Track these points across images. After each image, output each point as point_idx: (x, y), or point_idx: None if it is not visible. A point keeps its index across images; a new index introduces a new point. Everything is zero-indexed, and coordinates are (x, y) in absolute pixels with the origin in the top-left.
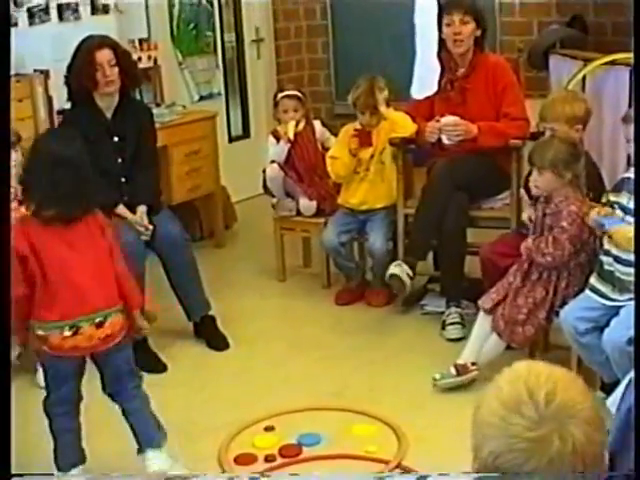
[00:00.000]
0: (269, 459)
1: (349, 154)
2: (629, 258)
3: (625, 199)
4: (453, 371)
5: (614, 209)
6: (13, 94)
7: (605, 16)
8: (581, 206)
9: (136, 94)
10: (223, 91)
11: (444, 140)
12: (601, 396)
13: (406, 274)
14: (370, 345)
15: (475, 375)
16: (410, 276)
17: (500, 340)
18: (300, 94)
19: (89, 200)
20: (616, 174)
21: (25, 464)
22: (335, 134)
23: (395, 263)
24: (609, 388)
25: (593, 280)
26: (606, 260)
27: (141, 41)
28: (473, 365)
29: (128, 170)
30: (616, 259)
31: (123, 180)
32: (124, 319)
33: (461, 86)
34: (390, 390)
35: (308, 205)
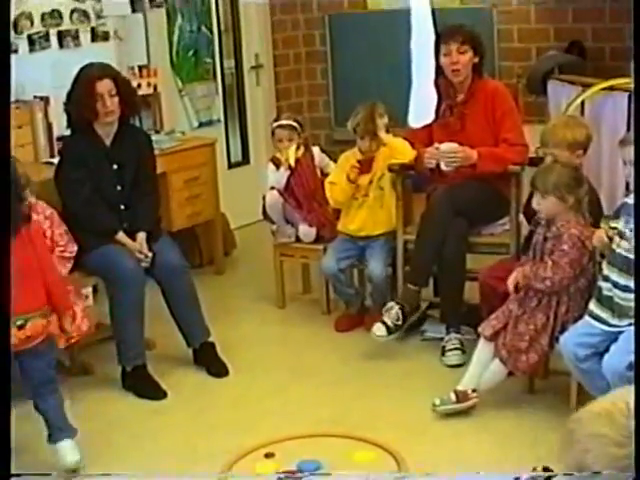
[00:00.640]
0: None
1: (349, 182)
2: (628, 283)
3: (621, 223)
4: (453, 397)
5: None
6: (13, 121)
7: (603, 41)
8: (582, 230)
9: (136, 121)
10: (222, 117)
11: (443, 167)
12: None
13: (394, 321)
14: (370, 371)
15: (475, 402)
16: (397, 324)
17: (502, 367)
18: (295, 123)
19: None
20: (615, 199)
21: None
22: (334, 160)
23: (387, 307)
24: None
25: (592, 306)
26: (605, 286)
27: (141, 68)
28: (473, 392)
29: (127, 197)
30: (615, 285)
31: (122, 207)
32: (46, 323)
33: (460, 112)
34: (390, 416)
35: (307, 231)
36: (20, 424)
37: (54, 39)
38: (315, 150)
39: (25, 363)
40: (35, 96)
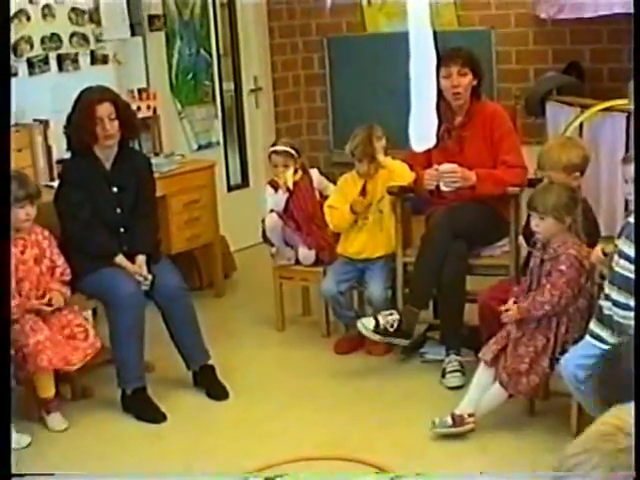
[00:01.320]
0: None
1: (351, 212)
2: (627, 302)
3: (621, 242)
4: (449, 421)
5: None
6: (13, 144)
7: (601, 63)
8: (580, 250)
9: (135, 144)
10: (222, 140)
11: (442, 187)
12: None
13: (387, 323)
14: (370, 394)
15: (471, 427)
16: (389, 329)
17: (502, 390)
18: (290, 149)
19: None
20: (614, 219)
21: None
22: (334, 182)
23: (386, 312)
24: None
25: (592, 325)
26: (605, 305)
27: (140, 91)
28: (470, 417)
29: (127, 220)
30: (614, 303)
31: (122, 230)
32: None
33: (459, 135)
34: (390, 438)
35: (307, 254)
36: None
37: (53, 62)
38: (313, 172)
39: None
40: (35, 119)
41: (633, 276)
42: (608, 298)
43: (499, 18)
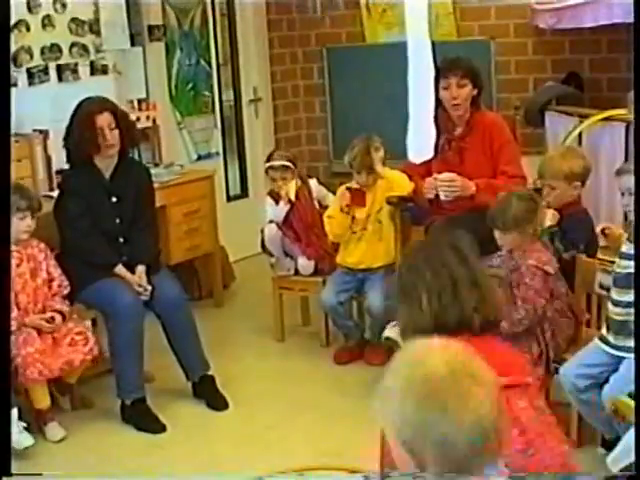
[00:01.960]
0: None
1: (342, 212)
2: (619, 298)
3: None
4: None
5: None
6: (12, 154)
7: (600, 72)
8: (540, 256)
9: (135, 154)
10: (221, 150)
11: (441, 196)
12: (602, 452)
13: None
14: (370, 404)
15: None
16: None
17: None
18: (287, 163)
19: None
20: None
21: None
22: (333, 192)
23: (391, 325)
24: (610, 444)
25: (603, 329)
26: (610, 309)
27: (140, 101)
28: None
29: (127, 230)
30: (616, 303)
31: (122, 240)
32: None
33: (459, 146)
34: None
35: (306, 264)
36: None
37: (53, 73)
38: (312, 182)
39: None
40: (34, 129)
41: (633, 270)
42: (612, 302)
43: (498, 28)
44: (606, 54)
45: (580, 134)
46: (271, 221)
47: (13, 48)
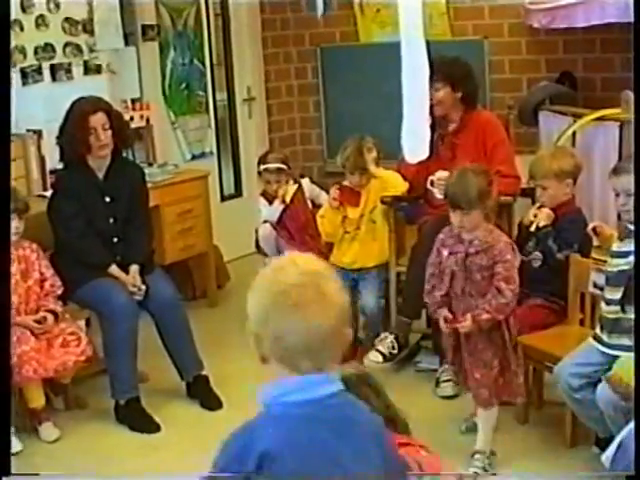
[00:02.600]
0: None
1: (332, 209)
2: (612, 297)
3: (615, 245)
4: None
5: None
6: None
7: (594, 72)
8: (501, 233)
9: (128, 154)
10: (215, 150)
11: (437, 195)
12: (596, 451)
13: (389, 349)
14: None
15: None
16: (393, 352)
17: (487, 412)
18: (281, 165)
19: None
20: None
21: None
22: (327, 191)
23: (380, 337)
24: (604, 443)
25: (597, 329)
26: (603, 307)
27: (133, 101)
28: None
29: (120, 230)
30: (608, 302)
31: (115, 240)
32: None
33: (451, 142)
34: None
35: None
36: None
37: (47, 72)
38: (305, 182)
39: None
40: (28, 129)
41: (625, 268)
42: (605, 301)
43: (492, 27)
44: (600, 54)
45: (574, 134)
46: (265, 221)
47: None
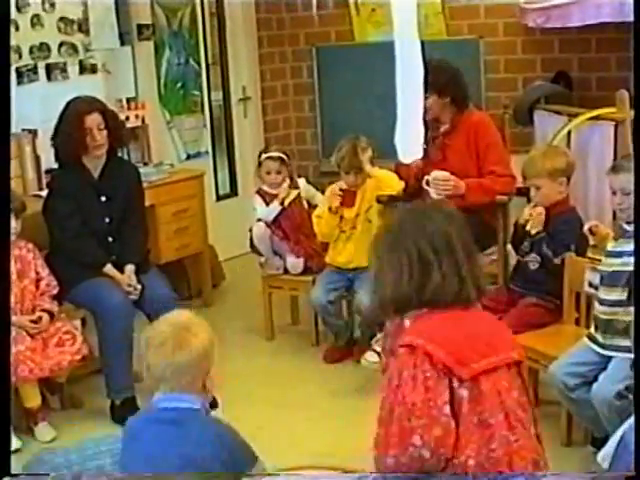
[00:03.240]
0: None
1: (330, 213)
2: (606, 297)
3: (610, 245)
4: None
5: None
6: None
7: (589, 72)
8: None
9: (123, 153)
10: (210, 150)
11: (432, 194)
12: (592, 450)
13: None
14: (360, 403)
15: None
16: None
17: None
18: (284, 155)
19: None
20: None
21: None
22: (322, 191)
23: (377, 337)
24: (599, 443)
25: (592, 329)
26: (597, 307)
27: (129, 100)
28: None
29: (116, 230)
30: (602, 302)
31: (111, 240)
32: None
33: (442, 142)
34: None
35: (295, 263)
36: None
37: (42, 72)
38: (301, 182)
39: None
40: (23, 129)
41: (619, 268)
42: (599, 300)
43: (487, 27)
44: (595, 53)
45: (569, 133)
46: (259, 220)
47: None
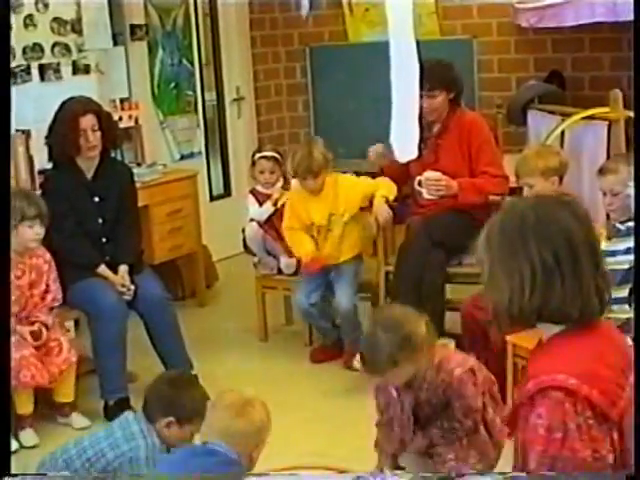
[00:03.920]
0: None
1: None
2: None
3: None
4: None
5: None
6: None
7: (583, 71)
8: None
9: (117, 154)
10: (204, 150)
11: (425, 195)
12: None
13: None
14: (353, 404)
15: None
16: None
17: None
18: (278, 155)
19: None
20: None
21: None
22: None
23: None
24: None
25: None
26: None
27: (122, 101)
28: None
29: (109, 230)
30: None
31: (104, 240)
32: None
33: (434, 143)
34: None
35: (288, 262)
36: None
37: (35, 72)
38: (293, 182)
39: None
40: (17, 129)
41: (613, 267)
42: None
43: (481, 27)
44: (588, 53)
45: (562, 133)
46: (252, 219)
47: None
